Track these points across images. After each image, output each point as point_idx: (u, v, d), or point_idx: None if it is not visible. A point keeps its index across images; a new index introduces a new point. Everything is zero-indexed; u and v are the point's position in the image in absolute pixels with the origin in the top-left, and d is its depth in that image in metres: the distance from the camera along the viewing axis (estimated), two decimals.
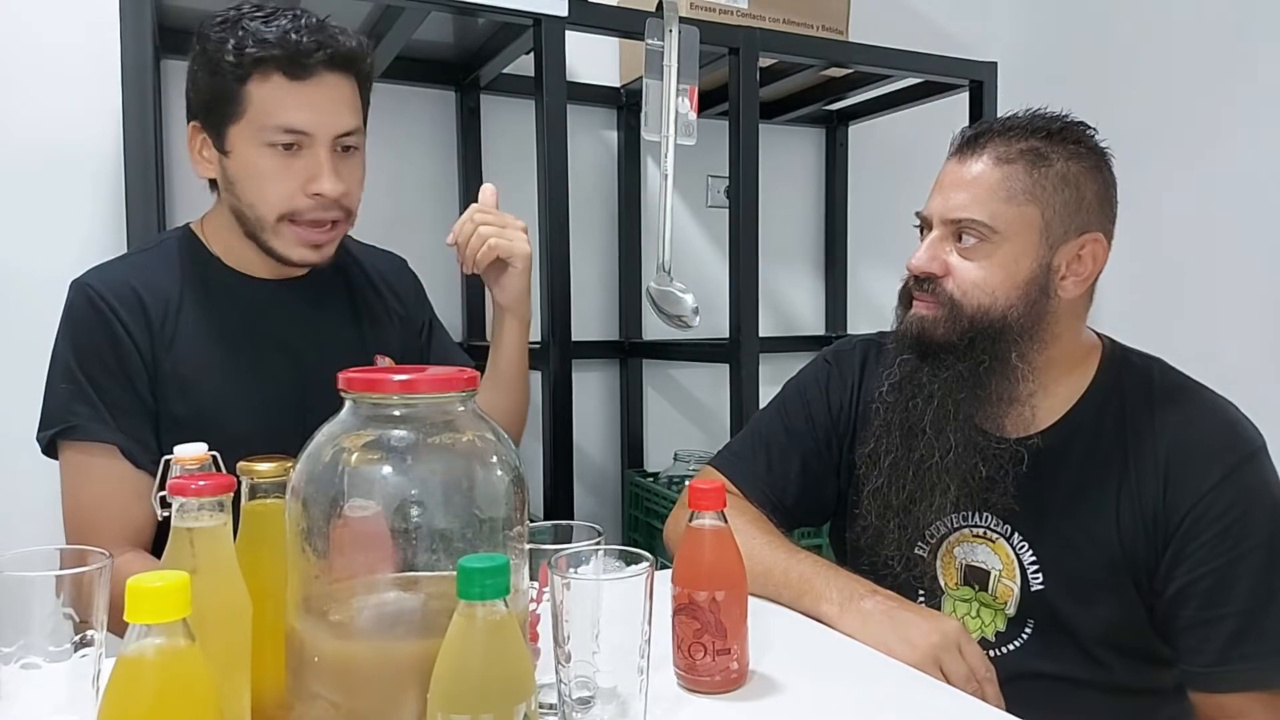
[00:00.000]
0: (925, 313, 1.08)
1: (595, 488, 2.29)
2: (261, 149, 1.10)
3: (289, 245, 1.14)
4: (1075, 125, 1.08)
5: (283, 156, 1.10)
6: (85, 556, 0.66)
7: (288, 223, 1.13)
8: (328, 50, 1.09)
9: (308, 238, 1.14)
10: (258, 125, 1.09)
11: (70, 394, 1.09)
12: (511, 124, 2.11)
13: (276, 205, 1.11)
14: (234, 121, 1.10)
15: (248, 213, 1.13)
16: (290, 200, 1.11)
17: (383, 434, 0.66)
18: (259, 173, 1.11)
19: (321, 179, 1.11)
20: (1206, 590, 0.99)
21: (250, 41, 1.07)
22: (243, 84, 1.08)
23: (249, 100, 1.09)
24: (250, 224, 1.14)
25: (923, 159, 1.27)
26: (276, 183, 1.11)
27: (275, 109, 1.09)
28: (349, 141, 1.14)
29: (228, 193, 1.15)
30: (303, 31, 1.08)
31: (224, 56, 1.08)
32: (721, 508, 0.85)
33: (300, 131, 1.10)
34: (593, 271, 2.26)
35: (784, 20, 1.93)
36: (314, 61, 1.09)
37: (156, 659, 0.53)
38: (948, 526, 1.12)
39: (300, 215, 1.12)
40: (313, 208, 1.12)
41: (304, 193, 1.11)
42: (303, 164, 1.11)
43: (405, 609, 0.67)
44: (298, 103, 1.09)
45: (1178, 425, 1.04)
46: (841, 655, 0.94)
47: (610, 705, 0.71)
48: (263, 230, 1.13)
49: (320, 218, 1.14)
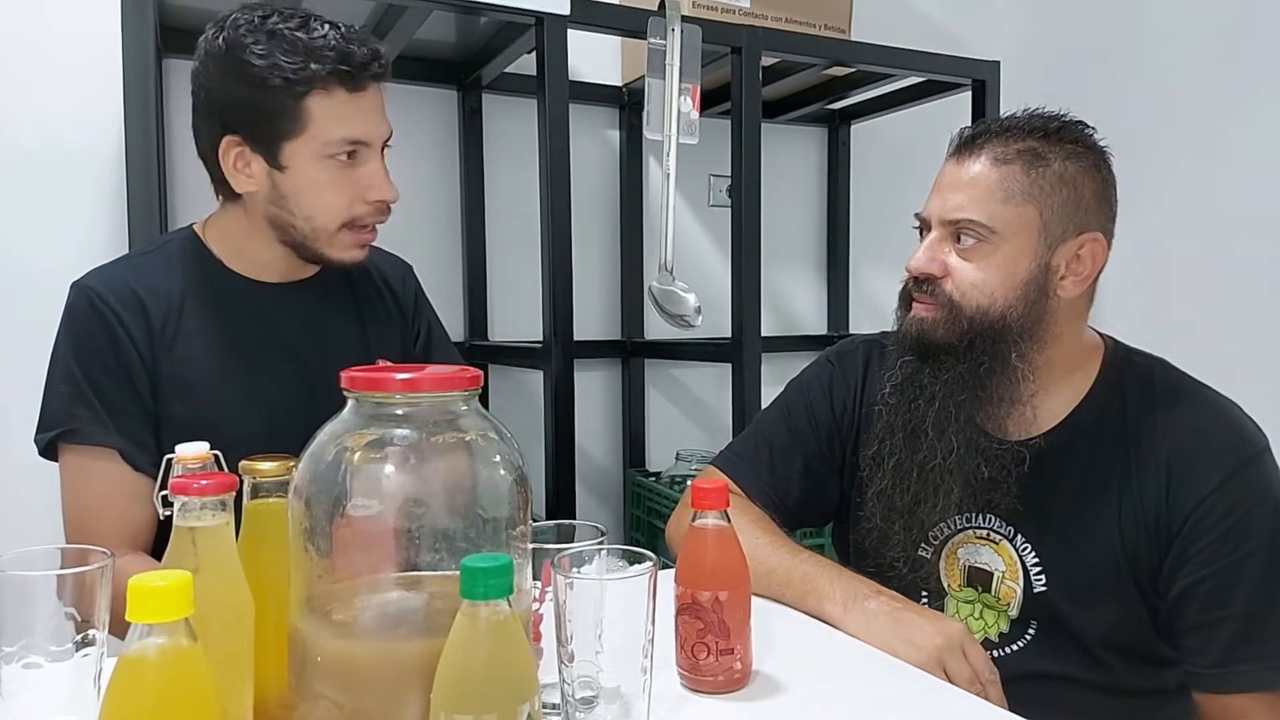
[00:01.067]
0: (925, 314, 1.08)
1: (597, 487, 2.29)
2: (322, 162, 1.10)
3: (344, 250, 1.16)
4: (1073, 125, 1.07)
5: (343, 168, 1.11)
6: (87, 556, 0.66)
7: (345, 230, 1.14)
8: (380, 61, 1.11)
9: (362, 240, 1.17)
10: (319, 139, 1.09)
11: (70, 396, 1.09)
12: (513, 123, 2.11)
13: (338, 214, 1.13)
14: (292, 137, 1.09)
15: (301, 225, 1.13)
16: (350, 209, 1.13)
17: (386, 433, 0.66)
18: (318, 185, 1.11)
19: (383, 187, 1.14)
20: (1209, 592, 0.99)
21: (309, 56, 1.06)
22: (300, 100, 1.07)
23: (309, 116, 1.08)
24: (300, 234, 1.14)
25: (925, 158, 1.27)
26: (338, 194, 1.12)
27: (338, 123, 1.09)
28: (389, 143, 1.17)
29: (273, 205, 1.13)
30: (354, 42, 1.09)
31: (278, 73, 1.05)
32: (725, 507, 0.85)
33: (362, 142, 1.11)
34: (594, 271, 2.26)
35: (786, 19, 1.93)
36: (370, 74, 1.10)
37: (158, 659, 0.53)
38: (951, 528, 1.12)
39: (359, 222, 1.15)
40: (372, 213, 1.15)
41: (364, 200, 1.13)
42: (361, 173, 1.13)
43: (408, 609, 0.67)
44: (356, 115, 1.10)
45: (1180, 426, 1.04)
46: (845, 656, 0.94)
47: (613, 705, 0.71)
48: (318, 240, 1.14)
49: (375, 221, 1.17)
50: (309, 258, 1.17)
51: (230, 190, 1.14)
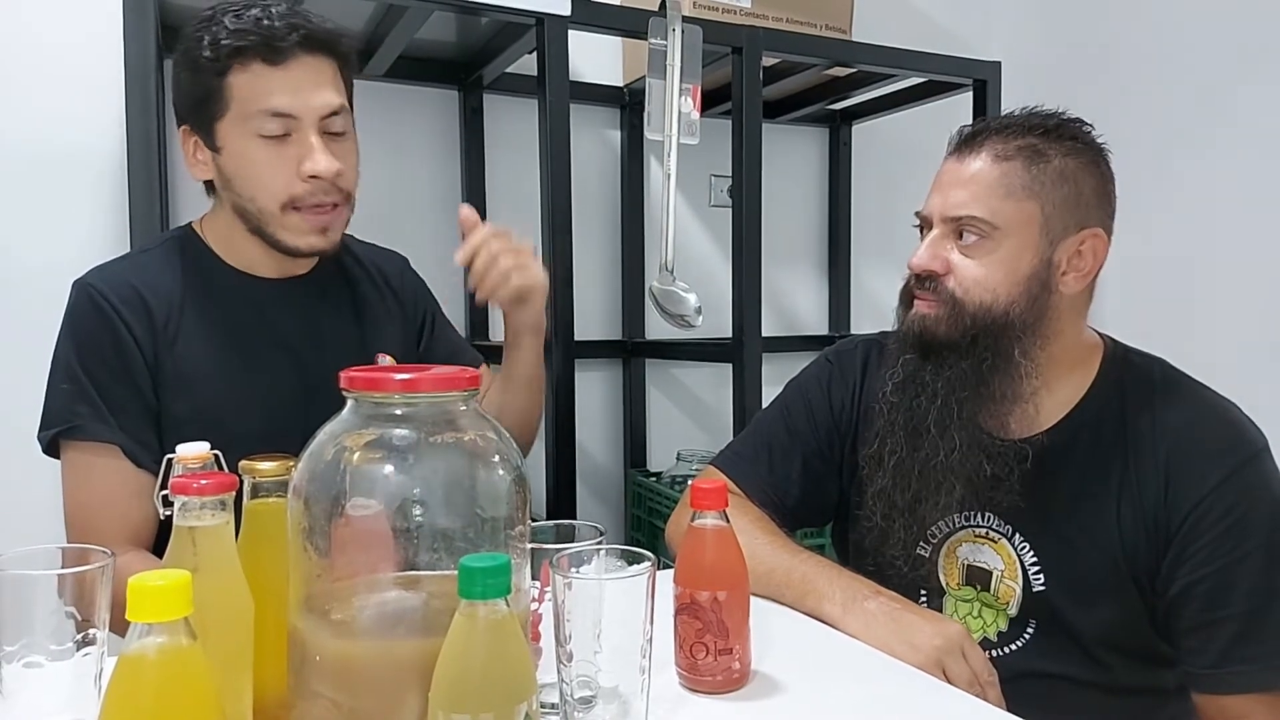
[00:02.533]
0: (927, 311, 1.08)
1: (598, 487, 2.29)
2: (252, 140, 1.10)
3: (296, 235, 1.14)
4: (1072, 122, 1.08)
5: (274, 145, 1.10)
6: (87, 555, 0.66)
7: (291, 211, 1.13)
8: (301, 31, 1.10)
9: (313, 222, 1.14)
10: (244, 115, 1.10)
11: (72, 394, 1.09)
12: (514, 123, 2.11)
13: (276, 194, 1.11)
14: (220, 117, 1.11)
15: (249, 207, 1.13)
16: (288, 187, 1.11)
17: (384, 433, 0.66)
18: (253, 164, 1.11)
19: (314, 158, 1.11)
20: (1208, 592, 0.99)
21: (224, 34, 1.08)
22: (223, 77, 1.09)
23: (231, 92, 1.10)
24: (254, 219, 1.14)
25: (926, 158, 1.27)
26: (271, 171, 1.11)
27: (258, 96, 1.09)
28: (336, 125, 1.14)
29: (226, 191, 1.15)
30: (274, 17, 1.09)
31: (201, 52, 1.09)
32: (724, 507, 0.85)
33: (286, 114, 1.10)
34: (595, 271, 2.26)
35: (787, 19, 1.93)
36: (289, 44, 1.09)
37: (158, 658, 0.53)
38: (950, 526, 1.12)
39: (301, 201, 1.12)
40: (312, 192, 1.12)
41: (300, 177, 1.11)
42: (294, 149, 1.11)
43: (407, 608, 0.67)
44: (279, 86, 1.09)
45: (1179, 426, 1.04)
46: (844, 656, 0.94)
47: (612, 705, 0.71)
48: (268, 224, 1.13)
49: (321, 201, 1.13)
50: (271, 245, 1.16)
51: (209, 184, 1.17)
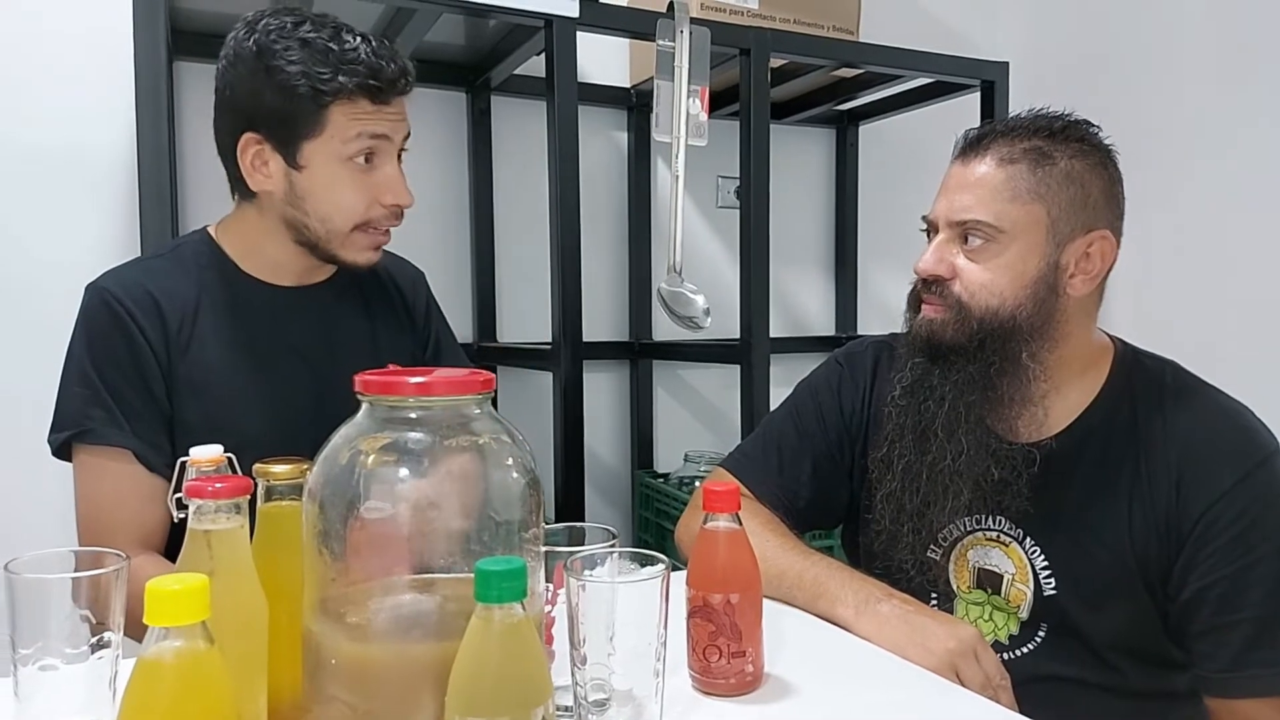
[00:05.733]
0: (934, 316, 1.08)
1: (605, 489, 2.30)
2: (341, 164, 1.11)
3: (357, 251, 1.17)
4: (1078, 123, 1.07)
5: (360, 170, 1.13)
6: (102, 559, 0.66)
7: (359, 231, 1.15)
8: (409, 78, 1.13)
9: (375, 241, 1.18)
10: (339, 140, 1.10)
11: (85, 397, 1.09)
12: (522, 125, 2.11)
13: (353, 217, 1.14)
14: (310, 138, 1.10)
15: (316, 225, 1.14)
16: (367, 211, 1.14)
17: (399, 436, 0.66)
18: (336, 188, 1.12)
19: (399, 192, 1.15)
20: (1220, 596, 0.98)
21: (339, 69, 1.07)
22: (325, 108, 1.09)
23: (329, 119, 1.09)
24: (314, 235, 1.15)
25: (933, 159, 1.27)
26: (354, 196, 1.13)
27: (358, 126, 1.10)
28: (405, 147, 1.18)
29: (290, 206, 1.14)
30: (384, 57, 1.10)
31: (306, 81, 1.07)
32: (736, 510, 0.85)
33: (383, 137, 1.12)
34: (603, 272, 2.26)
35: (794, 20, 1.93)
36: (398, 89, 1.12)
37: (175, 661, 0.53)
38: (961, 530, 1.12)
39: (374, 224, 1.16)
40: (387, 217, 1.16)
41: (380, 204, 1.14)
42: (378, 177, 1.14)
43: (422, 611, 0.67)
44: (379, 118, 1.12)
45: (1190, 429, 1.04)
46: (857, 659, 0.94)
47: (626, 707, 0.71)
48: (332, 241, 1.15)
49: (390, 225, 1.18)
50: (323, 258, 1.18)
51: (246, 189, 1.15)
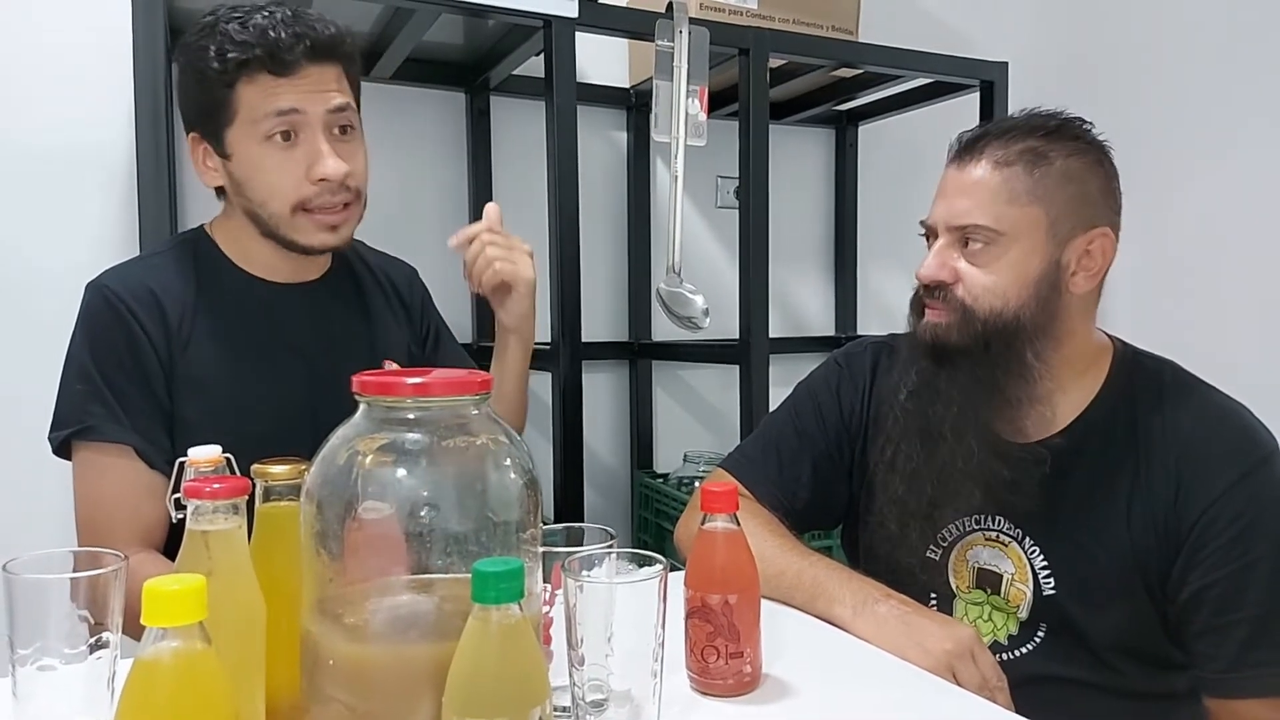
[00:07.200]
0: (938, 320, 1.08)
1: (604, 489, 2.29)
2: (260, 145, 1.11)
3: (308, 234, 1.15)
4: (1072, 121, 1.07)
5: (282, 149, 1.11)
6: (100, 559, 0.66)
7: (301, 213, 1.14)
8: (307, 41, 1.10)
9: (323, 222, 1.15)
10: (252, 120, 1.11)
11: (86, 394, 1.10)
12: (521, 125, 2.11)
13: (286, 197, 1.12)
14: (229, 125, 1.12)
15: (260, 212, 1.14)
16: (298, 189, 1.12)
17: (397, 437, 0.66)
18: (262, 169, 1.12)
19: (323, 161, 1.11)
20: (1219, 596, 0.99)
21: (230, 46, 1.08)
22: (231, 88, 1.10)
23: (239, 102, 1.10)
24: (266, 223, 1.15)
25: (933, 159, 1.26)
26: (280, 175, 1.12)
27: (265, 102, 1.10)
28: (343, 120, 1.14)
29: (238, 197, 1.15)
30: (280, 27, 1.09)
31: (208, 64, 1.09)
32: (734, 510, 0.85)
33: (293, 110, 1.10)
34: (602, 272, 2.26)
35: (794, 20, 1.93)
36: (296, 56, 1.10)
37: (173, 662, 0.53)
38: (960, 530, 1.12)
39: (310, 203, 1.13)
40: (320, 193, 1.13)
41: (309, 180, 1.12)
42: (301, 152, 1.12)
43: (419, 612, 0.67)
44: (286, 92, 1.10)
45: (1190, 429, 1.04)
46: (855, 659, 0.94)
47: (624, 708, 0.71)
48: (279, 226, 1.14)
49: (329, 202, 1.14)
50: (285, 246, 1.17)
51: (219, 189, 1.17)
